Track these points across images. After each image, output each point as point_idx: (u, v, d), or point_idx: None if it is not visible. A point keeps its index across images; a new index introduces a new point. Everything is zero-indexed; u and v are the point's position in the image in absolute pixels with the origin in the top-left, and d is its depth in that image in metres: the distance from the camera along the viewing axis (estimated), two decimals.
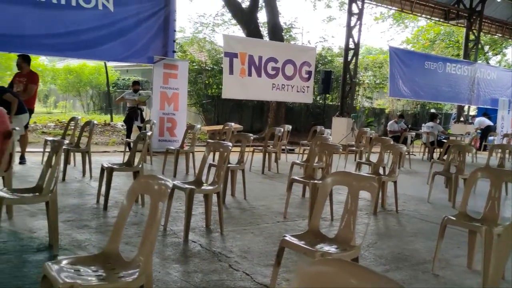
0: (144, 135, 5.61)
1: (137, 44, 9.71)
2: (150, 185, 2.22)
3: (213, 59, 17.30)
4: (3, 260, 3.21)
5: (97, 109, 23.17)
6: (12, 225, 4.05)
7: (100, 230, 4.14)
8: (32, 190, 3.60)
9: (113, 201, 5.19)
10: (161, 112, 10.01)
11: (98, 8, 9.17)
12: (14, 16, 8.32)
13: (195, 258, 3.57)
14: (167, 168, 7.54)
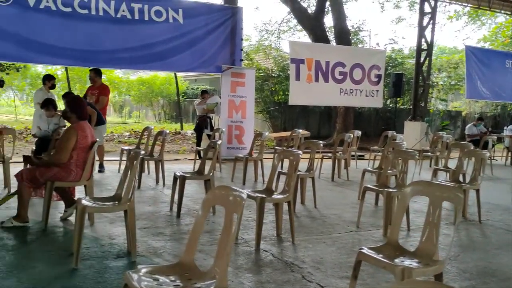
0: (214, 144, 5.69)
1: (205, 54, 9.95)
2: (225, 196, 2.21)
3: (279, 66, 17.35)
4: (87, 265, 3.37)
5: (168, 118, 24.03)
6: (94, 232, 4.25)
7: (175, 237, 4.23)
8: (111, 199, 3.76)
9: (186, 208, 5.30)
10: (229, 120, 10.16)
11: (169, 21, 9.52)
12: (94, 33, 8.86)
13: (267, 268, 3.53)
14: (236, 175, 7.61)
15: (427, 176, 7.68)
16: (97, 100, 7.88)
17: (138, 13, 9.23)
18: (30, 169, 4.29)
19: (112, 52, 9.14)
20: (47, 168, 4.25)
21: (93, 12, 8.88)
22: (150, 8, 9.34)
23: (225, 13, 10.14)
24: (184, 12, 9.64)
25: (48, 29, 8.51)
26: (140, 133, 8.95)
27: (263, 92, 16.66)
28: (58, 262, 3.45)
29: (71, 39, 8.70)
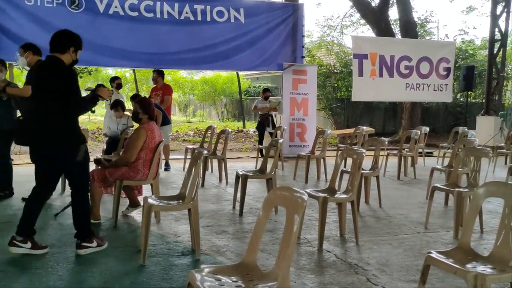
0: (276, 142, 5.68)
1: (267, 52, 9.98)
2: (286, 197, 2.19)
3: (342, 62, 17.03)
4: (154, 262, 3.48)
5: (230, 116, 24.39)
6: (160, 229, 4.39)
7: (237, 236, 4.27)
8: (176, 198, 3.85)
9: (248, 207, 5.34)
10: (291, 118, 10.13)
11: (231, 21, 9.65)
12: (159, 35, 9.18)
13: (330, 269, 3.47)
14: (298, 173, 7.57)
15: (502, 175, 7.21)
16: (162, 100, 8.16)
17: (200, 14, 9.43)
18: (101, 169, 4.50)
19: (177, 53, 9.42)
20: (116, 168, 4.45)
21: (158, 15, 9.19)
22: (212, 8, 9.52)
23: (286, 11, 10.10)
24: (245, 11, 9.72)
25: (117, 33, 8.91)
26: (203, 132, 9.13)
27: (325, 88, 16.44)
28: (127, 258, 3.60)
29: (138, 42, 9.06)
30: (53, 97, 3.46)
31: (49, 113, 3.49)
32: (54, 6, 8.58)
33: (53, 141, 3.51)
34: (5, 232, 4.19)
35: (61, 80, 3.49)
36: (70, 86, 3.53)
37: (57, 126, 3.51)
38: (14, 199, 5.54)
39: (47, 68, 3.55)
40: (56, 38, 3.59)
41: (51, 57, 3.56)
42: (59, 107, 3.49)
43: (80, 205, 3.70)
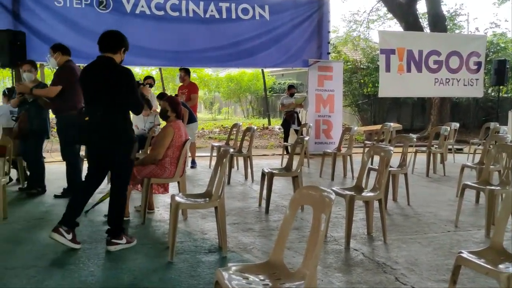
0: (302, 140, 5.66)
1: (292, 49, 9.94)
2: (313, 196, 2.18)
3: (368, 57, 16.79)
4: (181, 259, 3.52)
5: (255, 113, 24.40)
6: (187, 226, 4.43)
7: (263, 234, 4.28)
8: (203, 196, 3.89)
9: (274, 204, 5.34)
10: (316, 115, 10.06)
11: (255, 18, 9.64)
12: (185, 34, 9.25)
13: (358, 268, 3.43)
14: (324, 170, 7.52)
15: None
16: (188, 98, 8.25)
17: (225, 12, 9.46)
18: None
19: (202, 51, 9.47)
20: (144, 166, 4.51)
21: (184, 14, 9.26)
22: (237, 6, 9.53)
23: (311, 7, 10.02)
24: (270, 8, 9.70)
25: (143, 32, 9.02)
26: (229, 130, 9.17)
27: (351, 84, 16.25)
28: (155, 255, 3.65)
29: (164, 41, 9.16)
30: (115, 96, 3.58)
31: (112, 112, 3.61)
32: (82, 7, 8.75)
33: (116, 139, 3.65)
34: (38, 228, 4.34)
35: (122, 79, 3.61)
36: (131, 86, 3.66)
37: (118, 124, 3.66)
38: (47, 196, 5.69)
39: (107, 68, 3.62)
40: (107, 39, 3.68)
41: (106, 58, 3.65)
42: (120, 106, 3.64)
43: (119, 202, 3.79)
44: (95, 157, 3.82)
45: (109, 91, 3.59)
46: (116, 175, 3.81)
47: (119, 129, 3.69)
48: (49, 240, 3.92)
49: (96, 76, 3.64)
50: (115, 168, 3.80)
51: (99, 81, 3.61)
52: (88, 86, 3.71)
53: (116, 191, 3.79)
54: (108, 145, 3.68)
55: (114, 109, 3.64)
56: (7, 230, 4.25)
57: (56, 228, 3.62)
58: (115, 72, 3.63)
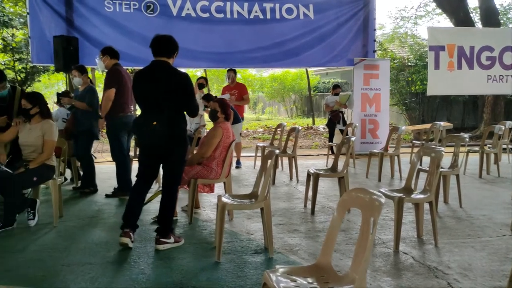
0: (348, 140, 5.57)
1: (337, 48, 9.82)
2: (362, 199, 2.14)
3: (416, 54, 16.31)
4: (228, 259, 3.56)
5: (299, 113, 24.29)
6: (233, 227, 4.47)
7: (309, 235, 4.25)
8: (248, 197, 3.91)
9: (320, 205, 5.29)
10: (362, 114, 9.89)
11: (300, 18, 9.60)
12: (229, 35, 9.34)
13: (407, 272, 3.34)
14: (371, 171, 7.37)
15: None
16: (240, 98, 8.32)
17: (270, 12, 9.47)
18: None
19: (246, 52, 9.52)
20: (191, 167, 4.59)
21: (228, 15, 9.35)
22: (281, 6, 9.52)
23: (357, 4, 9.85)
24: (315, 7, 9.63)
25: (189, 35, 9.18)
26: (273, 129, 9.17)
27: (398, 83, 15.84)
28: (203, 254, 3.70)
29: (208, 42, 9.28)
30: (177, 100, 3.71)
31: (175, 116, 3.74)
32: (131, 11, 9.01)
33: (177, 141, 3.79)
34: (91, 227, 4.51)
35: (183, 83, 3.73)
36: (191, 89, 3.81)
37: (180, 126, 3.80)
38: (98, 195, 5.90)
39: (168, 73, 3.72)
40: (163, 43, 3.76)
41: (164, 62, 3.75)
42: (181, 109, 3.79)
43: (171, 202, 3.90)
44: (153, 160, 3.86)
45: (172, 95, 3.69)
46: (171, 175, 3.90)
47: (180, 131, 3.81)
48: (101, 239, 4.09)
49: (158, 81, 3.69)
50: (172, 169, 3.89)
51: (161, 86, 3.68)
52: (148, 90, 3.72)
53: (169, 191, 3.88)
54: (170, 147, 3.78)
55: (176, 112, 3.76)
56: (63, 228, 4.44)
57: (126, 233, 3.73)
58: (177, 76, 3.73)
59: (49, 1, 8.62)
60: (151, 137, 3.70)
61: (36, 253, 3.72)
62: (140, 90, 3.81)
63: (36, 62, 9.45)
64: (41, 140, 4.49)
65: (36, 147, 4.50)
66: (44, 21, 8.61)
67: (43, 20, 8.61)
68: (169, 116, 3.70)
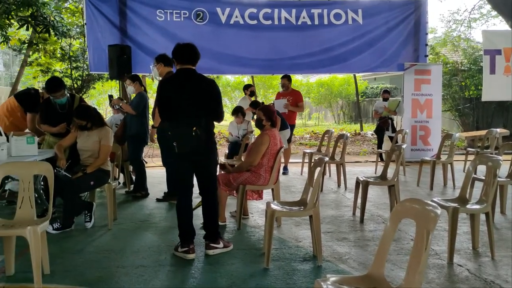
0: (399, 147, 5.45)
1: (386, 53, 9.64)
2: (417, 210, 2.09)
3: (470, 58, 15.72)
4: (277, 266, 3.57)
5: (347, 119, 23.98)
6: (281, 233, 4.47)
7: (359, 244, 4.18)
8: (297, 204, 3.91)
9: (369, 214, 5.20)
10: (413, 120, 9.65)
11: (348, 23, 9.51)
12: (277, 41, 9.38)
13: (462, 285, 3.23)
14: (422, 179, 7.17)
15: None
16: (295, 105, 8.32)
17: (317, 18, 9.44)
18: (225, 174, 4.73)
19: (293, 58, 9.52)
20: (239, 173, 4.64)
21: (276, 22, 9.40)
22: (329, 12, 9.47)
23: (407, 8, 9.64)
24: (364, 12, 9.50)
25: (237, 42, 9.31)
26: (320, 135, 9.11)
27: (451, 88, 15.32)
28: (252, 260, 3.73)
29: (256, 49, 9.36)
30: (209, 107, 3.80)
31: (208, 122, 3.85)
32: (181, 20, 9.24)
33: (212, 148, 3.92)
34: (143, 230, 4.65)
35: (214, 90, 3.84)
36: (220, 95, 3.93)
37: (212, 133, 3.93)
38: (149, 200, 6.07)
39: (200, 80, 3.82)
40: (189, 52, 3.84)
41: (192, 70, 3.84)
42: (212, 115, 3.87)
43: (212, 207, 3.96)
44: (190, 168, 3.88)
45: (204, 101, 3.77)
46: (209, 181, 3.96)
47: (213, 137, 3.95)
48: (153, 242, 4.22)
49: (191, 88, 3.76)
50: (209, 175, 3.96)
51: (195, 93, 3.75)
52: (183, 98, 3.75)
53: (211, 197, 3.95)
54: (208, 152, 3.87)
55: (209, 118, 3.85)
56: (117, 230, 4.61)
57: (192, 249, 3.75)
58: (207, 83, 3.82)
59: (104, 12, 8.99)
60: (193, 144, 3.70)
61: (93, 254, 3.88)
62: (173, 98, 3.78)
63: (93, 71, 9.85)
64: (98, 145, 4.69)
65: (93, 152, 4.71)
66: (100, 30, 8.99)
67: (99, 30, 8.99)
68: (205, 122, 3.76)
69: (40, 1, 9.93)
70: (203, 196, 3.99)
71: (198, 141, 3.70)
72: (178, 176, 3.95)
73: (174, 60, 3.89)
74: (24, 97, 5.69)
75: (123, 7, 9.09)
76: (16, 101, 5.67)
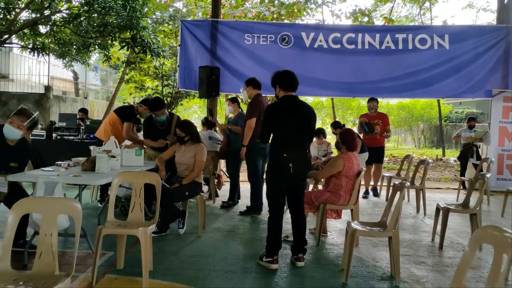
0: (483, 176, 5.42)
1: (473, 79, 9.43)
2: (495, 235, 2.25)
3: None
4: (355, 282, 3.79)
5: (428, 143, 23.27)
6: (359, 253, 4.66)
7: (437, 269, 4.27)
8: (377, 225, 4.10)
9: (448, 241, 5.22)
10: (499, 149, 9.33)
11: (434, 48, 9.45)
12: (359, 65, 9.54)
13: None
14: (507, 210, 6.96)
15: None
16: (383, 130, 8.39)
17: (402, 43, 9.48)
18: (308, 193, 5.01)
19: (375, 82, 9.60)
20: (321, 193, 4.92)
21: (359, 46, 9.58)
22: (414, 37, 9.48)
23: (498, 34, 9.41)
24: (451, 37, 9.40)
25: (320, 65, 9.59)
26: (399, 159, 9.09)
27: None
28: (331, 275, 3.98)
29: (338, 72, 9.58)
30: (311, 130, 4.32)
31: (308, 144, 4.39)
32: (268, 44, 9.72)
33: (310, 168, 4.44)
34: (229, 239, 5.06)
35: (315, 117, 4.36)
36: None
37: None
38: (233, 212, 6.52)
39: (306, 107, 4.31)
40: (295, 79, 4.25)
41: (297, 97, 4.28)
42: (311, 139, 4.52)
43: (304, 223, 4.36)
44: (288, 187, 4.20)
45: (311, 127, 4.24)
46: (301, 197, 4.33)
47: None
48: (239, 251, 4.62)
49: (299, 115, 4.16)
50: (302, 192, 4.34)
51: (303, 119, 4.16)
52: (292, 123, 4.11)
53: (302, 214, 4.32)
54: (306, 174, 4.40)
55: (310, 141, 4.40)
56: (207, 238, 5.06)
57: (276, 259, 4.09)
58: (310, 109, 4.28)
59: (197, 35, 9.71)
60: (305, 164, 4.16)
61: (187, 257, 4.34)
62: (283, 123, 4.12)
63: (182, 88, 10.59)
64: (193, 160, 5.20)
65: (188, 165, 5.23)
66: (192, 52, 9.71)
67: (191, 52, 9.71)
68: (308, 145, 4.19)
69: (140, 25, 10.99)
70: (295, 213, 4.31)
71: (309, 163, 4.22)
72: (276, 193, 4.21)
73: (277, 86, 4.25)
74: (122, 110, 6.52)
75: (215, 31, 9.76)
76: (116, 115, 6.42)
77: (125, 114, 6.35)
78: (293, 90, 4.22)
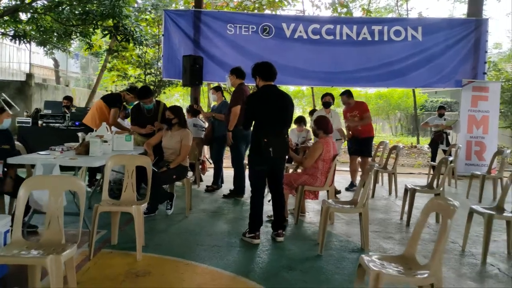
0: (446, 160, 5.90)
1: (444, 69, 9.94)
2: (441, 205, 2.68)
3: None
4: (328, 254, 4.21)
5: (404, 131, 23.97)
6: (333, 230, 5.10)
7: (403, 242, 4.73)
8: (349, 203, 4.53)
9: (415, 219, 5.67)
10: (468, 136, 9.89)
11: (408, 40, 9.91)
12: (337, 56, 9.95)
13: (490, 279, 3.72)
14: (471, 192, 7.49)
15: None
16: (362, 117, 7.75)
17: (378, 34, 9.91)
18: (287, 175, 5.41)
19: (352, 72, 10.02)
20: (299, 175, 5.32)
21: (337, 37, 9.98)
22: (389, 28, 9.91)
23: (468, 27, 9.92)
24: (424, 29, 9.87)
25: (299, 55, 9.96)
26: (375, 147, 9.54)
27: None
28: (307, 248, 4.39)
29: (317, 62, 9.98)
30: (290, 118, 4.71)
31: (287, 130, 4.73)
32: (249, 34, 10.04)
33: (287, 152, 4.78)
34: (215, 219, 5.44)
35: (292, 104, 4.70)
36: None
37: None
38: (217, 195, 6.89)
39: (285, 95, 4.64)
40: (273, 70, 4.58)
41: (276, 86, 4.66)
42: (289, 125, 4.78)
43: (283, 202, 4.71)
44: (269, 169, 4.57)
45: (289, 114, 4.59)
46: (281, 181, 4.69)
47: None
48: (224, 229, 5.00)
49: (278, 103, 4.51)
50: (281, 174, 4.70)
51: (281, 107, 4.52)
52: (271, 111, 4.46)
53: (281, 194, 4.67)
54: (285, 158, 4.76)
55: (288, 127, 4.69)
56: (193, 218, 5.43)
57: (258, 235, 4.46)
58: (288, 98, 4.62)
59: (180, 25, 9.95)
60: (284, 148, 4.52)
61: (175, 234, 4.71)
62: (263, 111, 4.47)
63: (166, 77, 10.85)
64: (179, 144, 5.54)
65: (175, 149, 5.56)
66: (175, 42, 9.95)
67: (175, 41, 9.95)
68: (287, 131, 4.56)
69: (123, 14, 11.14)
70: (275, 194, 4.68)
71: (287, 147, 4.58)
72: (257, 175, 4.55)
73: (257, 77, 4.59)
74: (109, 97, 6.88)
75: (198, 21, 10.02)
76: (103, 102, 6.70)
77: (111, 100, 6.64)
78: (272, 80, 4.58)
